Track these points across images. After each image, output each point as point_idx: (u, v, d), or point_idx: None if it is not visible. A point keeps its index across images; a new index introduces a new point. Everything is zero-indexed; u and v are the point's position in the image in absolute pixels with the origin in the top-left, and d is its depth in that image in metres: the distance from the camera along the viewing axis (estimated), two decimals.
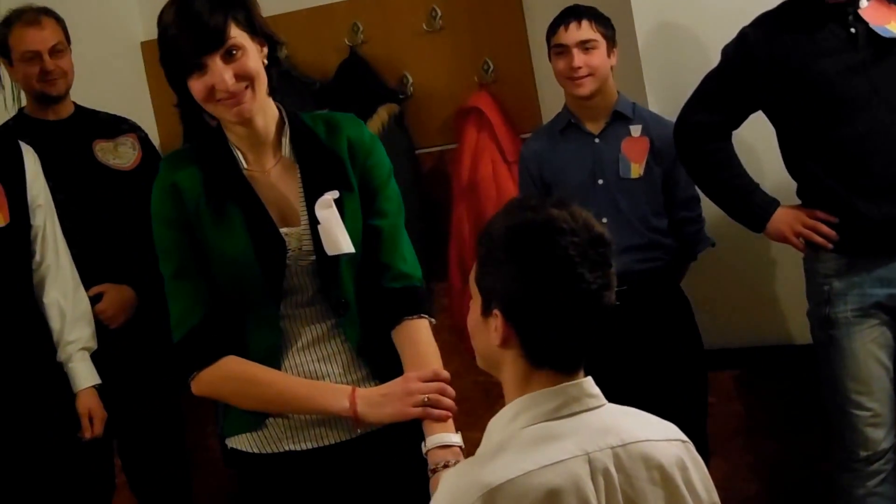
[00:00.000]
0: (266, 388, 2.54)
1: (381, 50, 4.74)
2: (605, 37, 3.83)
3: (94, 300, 3.96)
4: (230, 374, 2.53)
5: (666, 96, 3.94)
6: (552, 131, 4.00)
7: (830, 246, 3.47)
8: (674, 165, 3.85)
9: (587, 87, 3.82)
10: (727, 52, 3.60)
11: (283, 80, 4.64)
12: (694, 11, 4.03)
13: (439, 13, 4.65)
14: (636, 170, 3.85)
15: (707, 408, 3.93)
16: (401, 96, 4.70)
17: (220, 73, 2.44)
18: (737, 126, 3.64)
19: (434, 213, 4.67)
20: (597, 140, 3.89)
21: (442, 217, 4.64)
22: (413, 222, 4.44)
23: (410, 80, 4.73)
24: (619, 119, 3.89)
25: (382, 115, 4.59)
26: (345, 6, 4.78)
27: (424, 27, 4.69)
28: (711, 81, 3.63)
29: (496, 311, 1.91)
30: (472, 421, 1.96)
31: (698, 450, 2.02)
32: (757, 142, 3.81)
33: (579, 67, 3.79)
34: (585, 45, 3.79)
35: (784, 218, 3.56)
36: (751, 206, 3.62)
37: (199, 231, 2.54)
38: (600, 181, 3.86)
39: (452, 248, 4.59)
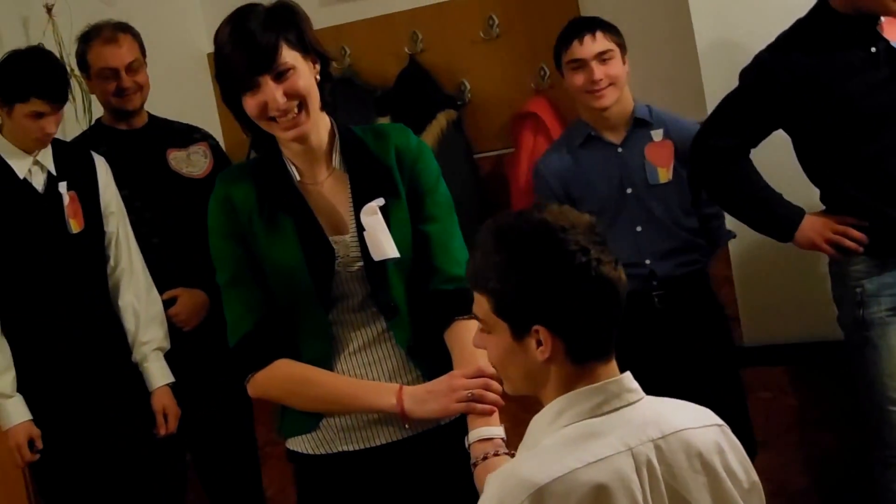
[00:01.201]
0: (316, 388, 2.61)
1: (440, 57, 4.79)
2: (618, 45, 3.80)
3: (169, 303, 4.03)
4: (282, 376, 2.61)
5: None
6: (571, 146, 3.93)
7: (861, 250, 3.46)
8: None
9: (609, 97, 3.78)
10: (745, 76, 3.57)
11: (346, 88, 4.83)
12: (754, 18, 3.97)
13: (496, 21, 4.70)
14: (664, 174, 3.82)
15: (746, 405, 3.92)
16: (459, 102, 4.74)
17: (272, 92, 2.49)
18: (755, 145, 3.61)
19: (492, 215, 4.71)
20: (620, 150, 3.85)
21: None
22: (472, 225, 4.51)
23: (468, 87, 4.77)
24: (640, 125, 3.85)
25: (441, 120, 4.64)
26: (404, 16, 4.83)
27: (481, 35, 4.73)
28: (729, 106, 3.60)
29: (537, 328, 1.92)
30: (529, 417, 2.02)
31: (745, 448, 2.02)
32: (779, 149, 3.75)
33: (601, 79, 3.75)
34: (602, 57, 3.76)
35: (812, 226, 3.53)
36: (776, 217, 3.59)
37: (252, 241, 2.61)
38: (629, 190, 3.83)
39: None
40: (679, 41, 3.96)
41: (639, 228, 3.81)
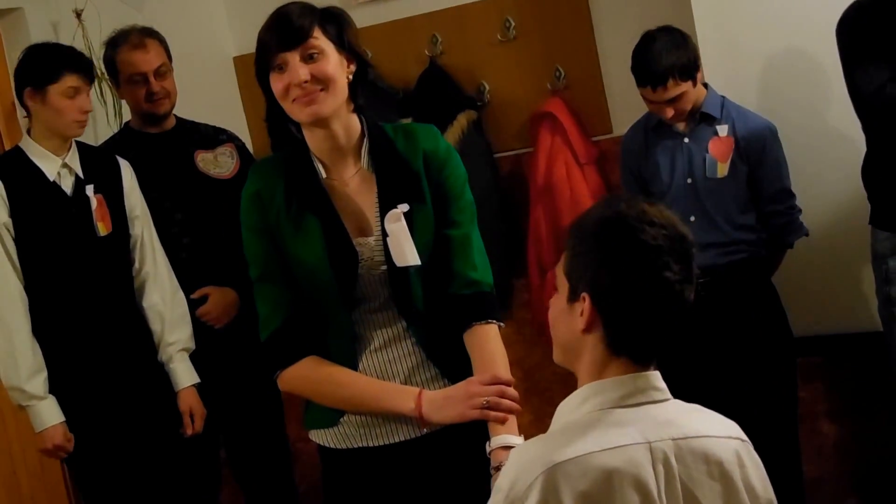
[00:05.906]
0: (341, 389, 2.67)
1: (459, 60, 4.85)
2: (688, 79, 3.84)
3: (200, 302, 4.10)
4: (309, 375, 2.67)
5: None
6: (647, 128, 4.04)
7: None
8: (759, 162, 3.86)
9: (679, 120, 3.92)
10: (847, 15, 3.40)
11: (369, 90, 4.83)
12: (755, 19, 4.02)
13: (513, 24, 4.76)
14: (722, 169, 3.87)
15: (796, 396, 3.91)
16: (478, 103, 4.80)
17: (296, 69, 2.52)
18: None
19: (512, 213, 4.78)
20: (686, 140, 3.93)
21: (520, 217, 4.74)
22: (493, 223, 4.64)
23: (487, 88, 4.84)
24: (707, 119, 3.91)
25: (461, 121, 4.70)
26: (424, 19, 4.89)
27: (499, 37, 4.79)
28: (855, 50, 3.39)
29: (584, 295, 1.95)
30: (552, 410, 2.09)
31: (786, 440, 2.02)
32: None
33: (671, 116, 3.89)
34: (672, 100, 3.85)
35: None
36: None
37: (280, 238, 2.65)
38: (689, 181, 3.91)
39: (531, 247, 4.66)
40: None
41: (692, 218, 3.85)
